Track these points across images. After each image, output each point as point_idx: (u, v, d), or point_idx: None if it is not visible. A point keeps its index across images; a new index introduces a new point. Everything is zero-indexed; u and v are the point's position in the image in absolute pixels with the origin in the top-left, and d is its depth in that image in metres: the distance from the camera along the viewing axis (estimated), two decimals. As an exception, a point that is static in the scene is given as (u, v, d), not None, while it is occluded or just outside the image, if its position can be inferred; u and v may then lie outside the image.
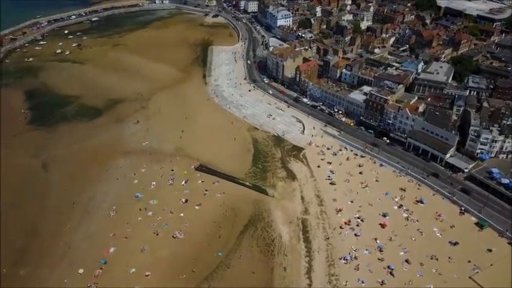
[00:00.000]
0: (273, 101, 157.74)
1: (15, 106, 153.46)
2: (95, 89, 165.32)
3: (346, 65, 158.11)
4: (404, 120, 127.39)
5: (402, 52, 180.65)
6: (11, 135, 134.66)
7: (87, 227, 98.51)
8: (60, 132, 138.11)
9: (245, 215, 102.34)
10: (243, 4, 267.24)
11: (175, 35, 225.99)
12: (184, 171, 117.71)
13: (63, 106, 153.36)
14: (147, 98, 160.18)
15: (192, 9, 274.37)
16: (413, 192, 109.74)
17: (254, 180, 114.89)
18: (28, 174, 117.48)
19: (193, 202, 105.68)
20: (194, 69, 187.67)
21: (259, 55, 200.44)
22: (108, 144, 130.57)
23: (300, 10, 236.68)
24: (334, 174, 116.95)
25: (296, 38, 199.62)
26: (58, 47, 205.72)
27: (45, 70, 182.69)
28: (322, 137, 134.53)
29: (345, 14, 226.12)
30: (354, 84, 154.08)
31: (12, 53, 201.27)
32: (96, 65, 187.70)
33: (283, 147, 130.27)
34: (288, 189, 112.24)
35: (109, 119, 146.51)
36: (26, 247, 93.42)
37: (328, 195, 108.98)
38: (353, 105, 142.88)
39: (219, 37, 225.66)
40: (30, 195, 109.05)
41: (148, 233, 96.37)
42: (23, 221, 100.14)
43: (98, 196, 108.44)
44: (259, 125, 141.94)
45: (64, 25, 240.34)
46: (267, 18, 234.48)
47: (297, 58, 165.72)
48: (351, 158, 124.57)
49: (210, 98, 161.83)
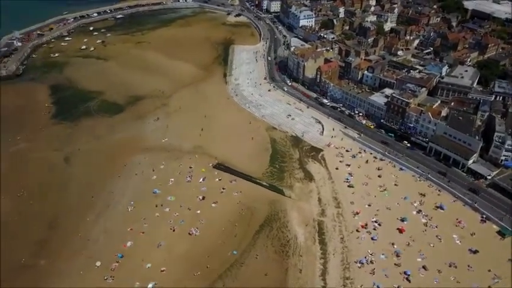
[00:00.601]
0: (293, 101, 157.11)
1: (40, 100, 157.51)
2: (118, 85, 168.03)
3: (368, 66, 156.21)
4: (426, 124, 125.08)
5: (426, 55, 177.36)
6: (36, 129, 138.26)
7: (105, 221, 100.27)
8: (82, 126, 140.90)
9: (261, 215, 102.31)
10: (266, 4, 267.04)
11: (198, 33, 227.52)
12: (202, 168, 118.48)
13: (86, 101, 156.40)
14: (168, 95, 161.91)
15: (214, 8, 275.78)
16: (433, 197, 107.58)
17: (271, 180, 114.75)
18: (50, 167, 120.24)
19: (210, 200, 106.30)
20: (215, 68, 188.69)
21: (280, 55, 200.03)
22: (129, 140, 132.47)
23: (323, 11, 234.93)
24: (352, 176, 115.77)
25: (318, 39, 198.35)
26: (83, 43, 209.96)
27: (70, 65, 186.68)
28: (342, 139, 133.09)
29: (369, 15, 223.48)
30: (375, 87, 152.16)
31: (39, 48, 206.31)
32: (119, 62, 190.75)
33: (301, 148, 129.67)
34: (305, 190, 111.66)
35: (130, 115, 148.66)
36: (46, 238, 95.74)
37: (346, 198, 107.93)
38: (374, 108, 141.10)
39: (241, 36, 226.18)
40: (52, 187, 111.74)
41: (165, 228, 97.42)
42: (45, 213, 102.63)
43: (117, 191, 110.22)
44: (277, 125, 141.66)
45: (89, 22, 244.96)
46: (289, 18, 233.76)
47: (318, 59, 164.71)
48: (370, 160, 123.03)
49: (230, 97, 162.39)
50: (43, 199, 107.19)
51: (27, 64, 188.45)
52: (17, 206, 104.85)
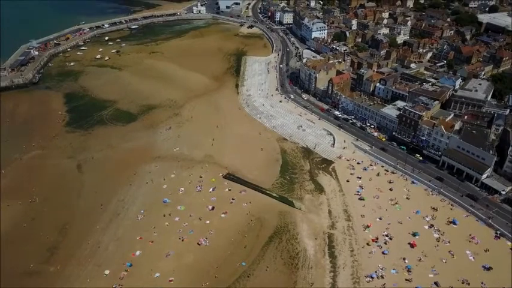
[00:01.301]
0: (304, 112, 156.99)
1: (55, 108, 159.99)
2: (131, 94, 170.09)
3: (380, 79, 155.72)
4: (439, 138, 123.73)
5: (439, 68, 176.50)
6: (50, 136, 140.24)
7: (115, 229, 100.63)
8: (95, 135, 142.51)
9: (270, 226, 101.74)
10: (279, 15, 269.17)
11: (211, 44, 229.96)
12: (213, 178, 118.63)
13: (100, 110, 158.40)
14: (180, 105, 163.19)
15: (227, 20, 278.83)
16: (446, 212, 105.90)
17: (281, 192, 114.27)
18: (63, 174, 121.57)
19: (220, 210, 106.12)
20: (227, 79, 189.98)
21: (292, 66, 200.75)
22: (141, 149, 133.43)
23: (336, 23, 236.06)
24: (363, 189, 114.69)
25: (330, 51, 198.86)
26: (98, 53, 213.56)
27: (85, 74, 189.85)
28: (354, 152, 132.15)
29: (381, 27, 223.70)
30: (387, 99, 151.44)
31: (55, 57, 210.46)
32: (133, 71, 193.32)
33: (312, 160, 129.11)
34: (315, 202, 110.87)
35: (143, 124, 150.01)
36: (56, 245, 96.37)
37: (356, 211, 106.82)
38: (386, 120, 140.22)
39: (253, 47, 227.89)
40: (64, 194, 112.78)
41: (174, 238, 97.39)
42: (56, 219, 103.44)
43: (127, 199, 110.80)
44: (288, 136, 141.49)
45: (105, 32, 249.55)
46: (302, 30, 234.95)
47: (330, 70, 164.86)
48: (382, 173, 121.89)
49: (241, 107, 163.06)
50: (55, 206, 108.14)
51: (43, 72, 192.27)
52: (29, 212, 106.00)
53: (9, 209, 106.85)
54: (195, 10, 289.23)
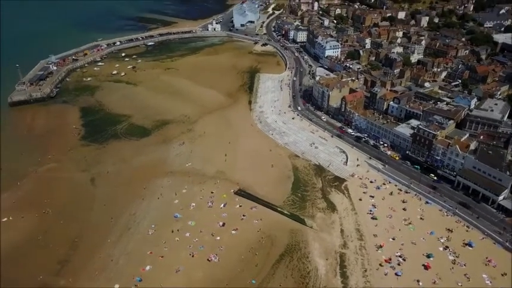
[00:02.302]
0: (316, 130, 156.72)
1: (71, 122, 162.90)
2: (146, 109, 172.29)
3: (394, 97, 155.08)
4: (454, 158, 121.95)
5: (454, 87, 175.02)
6: (65, 150, 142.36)
7: (126, 243, 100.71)
8: (109, 149, 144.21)
9: (281, 244, 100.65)
10: (292, 34, 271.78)
11: (225, 61, 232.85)
12: (224, 194, 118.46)
13: (115, 124, 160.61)
14: (193, 120, 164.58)
15: (242, 37, 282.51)
16: (461, 234, 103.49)
17: (292, 209, 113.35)
18: (76, 187, 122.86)
19: (230, 226, 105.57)
20: (240, 95, 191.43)
21: (305, 84, 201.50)
22: (153, 164, 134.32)
23: (349, 41, 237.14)
24: (376, 208, 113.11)
25: (343, 69, 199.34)
26: (114, 69, 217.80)
27: (101, 89, 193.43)
28: (368, 171, 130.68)
29: (395, 46, 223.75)
30: (401, 118, 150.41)
31: (72, 72, 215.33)
32: (148, 87, 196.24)
33: (324, 177, 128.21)
34: (327, 221, 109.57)
35: (156, 139, 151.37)
36: (68, 258, 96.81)
37: (369, 230, 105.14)
38: (399, 139, 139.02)
39: (267, 65, 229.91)
40: (77, 207, 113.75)
41: (184, 254, 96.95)
42: (68, 232, 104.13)
43: (139, 213, 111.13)
44: (300, 153, 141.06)
45: (122, 48, 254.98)
46: (315, 48, 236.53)
47: (343, 88, 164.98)
48: (395, 192, 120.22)
49: (254, 123, 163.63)
50: (67, 218, 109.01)
51: (61, 87, 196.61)
52: (42, 224, 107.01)
53: (23, 220, 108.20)
54: (210, 28, 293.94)
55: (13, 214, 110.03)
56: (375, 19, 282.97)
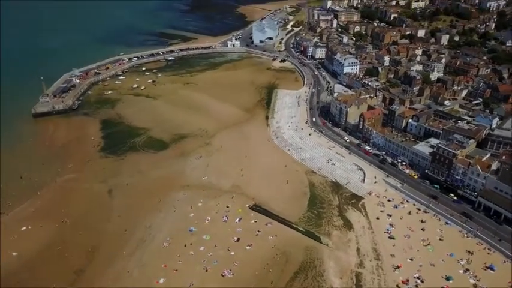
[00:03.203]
0: (333, 146, 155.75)
1: (91, 134, 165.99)
2: (164, 123, 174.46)
3: (413, 115, 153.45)
4: (475, 178, 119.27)
5: (475, 106, 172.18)
6: (84, 161, 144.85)
7: (141, 256, 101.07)
8: (128, 161, 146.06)
9: (296, 261, 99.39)
10: (311, 50, 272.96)
11: (243, 77, 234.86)
12: (239, 209, 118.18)
13: (134, 137, 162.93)
14: (211, 135, 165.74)
15: (260, 53, 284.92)
16: (483, 256, 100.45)
17: (308, 226, 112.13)
18: (94, 198, 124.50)
19: (245, 242, 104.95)
20: (258, 111, 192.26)
21: (323, 100, 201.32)
22: (170, 177, 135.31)
23: (368, 59, 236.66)
24: (393, 228, 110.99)
25: (362, 86, 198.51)
26: (135, 82, 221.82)
27: (121, 102, 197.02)
28: (386, 190, 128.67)
29: (415, 64, 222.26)
30: (420, 136, 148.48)
31: (94, 86, 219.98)
32: (167, 101, 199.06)
33: (341, 195, 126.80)
34: (344, 239, 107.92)
35: (174, 152, 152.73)
36: (83, 268, 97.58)
37: (386, 250, 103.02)
38: (418, 157, 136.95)
39: (285, 81, 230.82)
40: (94, 218, 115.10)
41: (198, 268, 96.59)
42: (85, 242, 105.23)
43: (154, 226, 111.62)
44: (317, 169, 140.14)
45: (142, 62, 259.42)
46: (334, 65, 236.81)
47: (361, 105, 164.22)
48: (413, 212, 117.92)
49: (271, 139, 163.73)
50: (84, 229, 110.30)
51: (83, 100, 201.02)
52: (60, 233, 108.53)
53: (41, 230, 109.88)
54: (230, 44, 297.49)
55: (32, 223, 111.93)
56: (394, 37, 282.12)
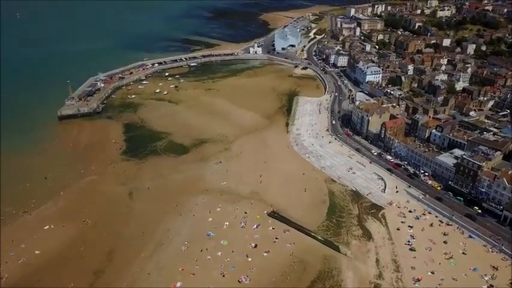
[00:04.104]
0: (354, 155, 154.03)
1: (114, 137, 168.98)
2: (185, 128, 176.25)
3: (437, 125, 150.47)
4: (501, 191, 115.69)
5: (502, 117, 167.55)
6: (106, 163, 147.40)
7: (159, 259, 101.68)
8: (148, 164, 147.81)
9: (314, 270, 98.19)
10: (333, 58, 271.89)
11: (264, 83, 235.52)
12: (257, 215, 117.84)
13: (155, 141, 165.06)
14: (231, 140, 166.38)
15: (282, 61, 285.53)
16: (508, 272, 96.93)
17: (327, 235, 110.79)
18: (115, 200, 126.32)
19: (263, 248, 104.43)
20: (278, 117, 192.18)
21: (344, 108, 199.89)
22: (190, 181, 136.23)
23: (391, 67, 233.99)
24: (414, 239, 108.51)
25: (384, 95, 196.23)
26: (158, 87, 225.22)
27: (144, 107, 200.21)
28: (408, 201, 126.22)
29: (439, 73, 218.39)
30: (443, 147, 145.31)
31: (118, 90, 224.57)
32: (189, 106, 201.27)
33: (361, 204, 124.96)
34: (363, 249, 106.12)
35: (194, 157, 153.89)
36: (103, 269, 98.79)
37: (406, 262, 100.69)
38: (441, 168, 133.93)
39: (306, 88, 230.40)
40: (114, 220, 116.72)
41: (215, 273, 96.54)
42: (104, 243, 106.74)
43: (173, 229, 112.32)
44: (337, 178, 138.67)
45: (166, 68, 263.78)
46: (356, 73, 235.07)
47: (383, 114, 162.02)
48: (435, 224, 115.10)
49: (290, 146, 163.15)
50: (105, 230, 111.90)
51: (107, 103, 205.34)
52: (81, 234, 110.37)
53: (63, 229, 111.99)
54: (252, 51, 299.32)
55: (55, 223, 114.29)
56: (419, 45, 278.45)
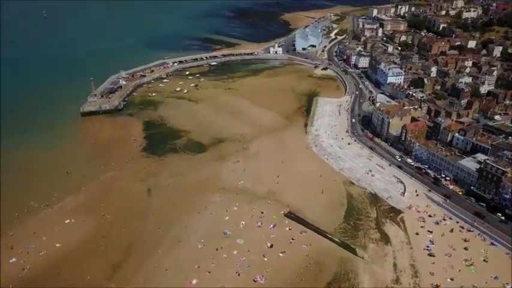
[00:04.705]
0: (374, 157, 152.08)
1: (134, 134, 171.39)
2: (204, 126, 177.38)
3: (460, 129, 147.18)
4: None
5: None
6: (126, 160, 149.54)
7: (175, 255, 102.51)
8: (167, 161, 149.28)
9: (330, 272, 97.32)
10: (354, 59, 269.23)
11: (284, 83, 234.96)
12: (274, 215, 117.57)
13: (174, 139, 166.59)
14: (249, 140, 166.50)
15: (302, 61, 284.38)
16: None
17: (344, 237, 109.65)
18: (134, 196, 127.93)
19: (278, 248, 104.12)
20: (297, 118, 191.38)
21: (364, 110, 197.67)
22: (207, 179, 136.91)
23: (414, 69, 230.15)
24: (434, 245, 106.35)
25: (406, 97, 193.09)
26: (178, 86, 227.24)
27: (164, 105, 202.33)
28: (428, 206, 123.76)
29: (463, 76, 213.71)
30: (466, 151, 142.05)
31: (139, 88, 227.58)
32: (208, 105, 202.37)
33: (379, 207, 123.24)
34: (380, 253, 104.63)
35: (212, 155, 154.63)
36: (120, 263, 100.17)
37: (425, 268, 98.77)
38: (464, 173, 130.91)
39: (326, 89, 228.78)
40: (133, 215, 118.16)
41: (230, 271, 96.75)
42: (122, 238, 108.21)
43: (190, 226, 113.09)
44: (355, 180, 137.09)
45: (186, 67, 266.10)
46: (377, 74, 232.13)
47: (404, 117, 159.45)
48: (456, 230, 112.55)
49: (309, 146, 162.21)
50: (123, 225, 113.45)
51: (128, 101, 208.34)
52: (100, 228, 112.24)
53: (83, 223, 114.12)
54: (272, 51, 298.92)
55: (75, 216, 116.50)
56: (443, 47, 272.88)
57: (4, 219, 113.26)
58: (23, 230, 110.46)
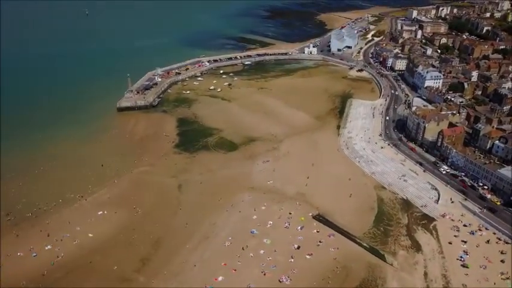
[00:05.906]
0: (407, 162, 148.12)
1: (167, 130, 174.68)
2: (236, 125, 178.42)
3: (501, 136, 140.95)
4: None
5: None
6: (159, 155, 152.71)
7: (203, 251, 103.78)
8: (199, 159, 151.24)
9: (357, 277, 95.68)
10: (391, 61, 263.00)
11: (318, 84, 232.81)
12: (302, 217, 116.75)
13: (206, 136, 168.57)
14: (279, 140, 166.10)
15: (337, 62, 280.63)
16: None
17: (373, 243, 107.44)
18: (165, 191, 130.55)
19: (305, 250, 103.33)
20: (329, 119, 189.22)
21: (399, 113, 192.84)
22: (237, 178, 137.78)
23: (453, 73, 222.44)
24: (468, 255, 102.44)
25: (444, 101, 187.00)
26: (212, 84, 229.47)
27: (198, 103, 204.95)
28: (463, 215, 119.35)
29: (507, 81, 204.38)
30: (507, 159, 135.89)
31: (174, 85, 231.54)
32: (241, 104, 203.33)
33: (411, 214, 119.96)
34: (410, 260, 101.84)
35: (243, 154, 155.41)
36: (149, 257, 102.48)
37: (458, 279, 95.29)
38: (503, 182, 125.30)
39: (360, 91, 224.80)
40: (163, 210, 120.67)
41: (256, 271, 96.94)
42: (152, 232, 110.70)
43: (218, 224, 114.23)
44: (387, 185, 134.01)
45: (221, 65, 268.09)
46: (414, 77, 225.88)
47: (441, 122, 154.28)
48: (492, 241, 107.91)
49: (340, 149, 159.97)
50: (153, 219, 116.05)
51: (163, 97, 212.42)
52: (131, 221, 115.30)
53: (115, 216, 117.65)
54: (307, 51, 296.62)
55: (108, 208, 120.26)
56: (485, 51, 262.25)
57: (42, 208, 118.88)
58: (59, 219, 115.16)
